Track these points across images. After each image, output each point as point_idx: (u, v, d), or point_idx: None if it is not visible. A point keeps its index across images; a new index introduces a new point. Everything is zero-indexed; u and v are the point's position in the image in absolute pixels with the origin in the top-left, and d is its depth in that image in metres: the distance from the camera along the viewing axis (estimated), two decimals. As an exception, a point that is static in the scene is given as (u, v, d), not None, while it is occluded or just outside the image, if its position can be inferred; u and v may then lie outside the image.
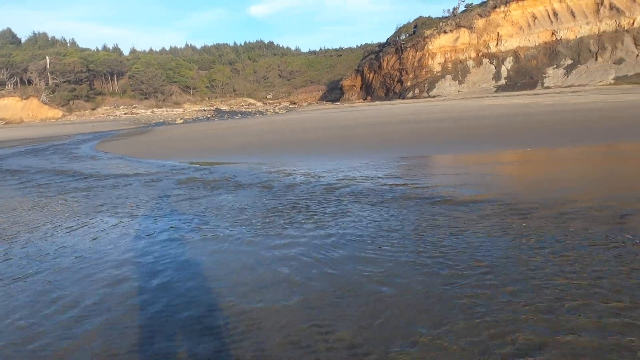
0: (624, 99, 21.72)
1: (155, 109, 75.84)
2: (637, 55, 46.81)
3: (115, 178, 8.84)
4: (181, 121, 44.59)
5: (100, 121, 54.18)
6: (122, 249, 4.50)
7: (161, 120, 48.17)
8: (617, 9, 49.44)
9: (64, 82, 77.54)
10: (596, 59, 49.13)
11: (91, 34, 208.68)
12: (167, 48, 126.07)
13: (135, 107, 77.45)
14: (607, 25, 49.74)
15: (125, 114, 70.69)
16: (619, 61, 47.34)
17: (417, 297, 2.97)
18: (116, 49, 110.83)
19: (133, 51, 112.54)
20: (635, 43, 47.63)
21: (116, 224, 5.47)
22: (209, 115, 54.06)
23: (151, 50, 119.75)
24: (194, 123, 36.73)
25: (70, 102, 75.19)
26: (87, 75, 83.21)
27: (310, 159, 9.95)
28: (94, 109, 75.59)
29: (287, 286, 3.28)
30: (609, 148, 9.29)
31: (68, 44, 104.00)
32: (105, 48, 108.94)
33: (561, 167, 7.49)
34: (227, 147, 14.18)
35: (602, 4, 50.77)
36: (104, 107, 77.77)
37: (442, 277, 3.22)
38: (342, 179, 7.01)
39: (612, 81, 45.52)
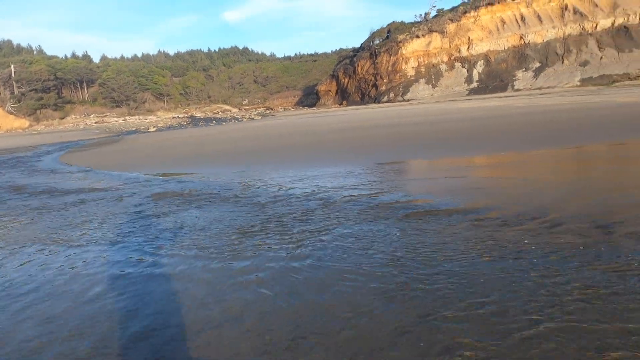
0: (591, 100, 22.33)
1: (127, 117, 74.00)
2: (601, 57, 48.53)
3: (74, 194, 8.28)
4: (154, 129, 43.54)
5: (70, 130, 52.40)
6: (35, 293, 3.68)
7: (134, 129, 46.93)
8: (581, 14, 51.24)
9: (31, 90, 74.82)
10: (563, 62, 50.71)
11: (59, 42, 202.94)
12: (139, 55, 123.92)
13: (106, 116, 75.41)
14: (572, 29, 51.48)
15: (96, 122, 68.67)
16: (584, 63, 48.97)
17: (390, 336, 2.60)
18: (86, 56, 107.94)
19: (104, 58, 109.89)
20: (599, 46, 49.40)
21: (47, 255, 4.70)
22: (183, 123, 53.07)
23: (122, 57, 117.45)
24: (167, 131, 35.92)
25: (38, 112, 72.62)
26: (55, 84, 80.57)
27: (285, 167, 9.67)
28: (62, 118, 73.20)
29: (244, 326, 2.88)
30: (580, 150, 9.37)
31: (35, 52, 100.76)
32: (74, 55, 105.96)
33: (539, 171, 7.44)
34: (200, 156, 13.76)
35: (566, 9, 52.55)
36: (73, 116, 75.42)
37: (421, 308, 2.92)
38: (317, 192, 6.61)
39: (578, 83, 47.02)
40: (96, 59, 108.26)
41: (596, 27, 50.03)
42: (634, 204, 4.82)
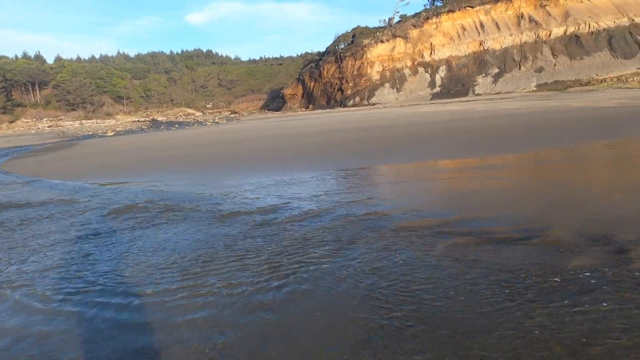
0: (546, 104, 23.13)
1: (84, 121, 70.62)
2: (555, 64, 50.81)
3: None
4: (112, 133, 41.62)
5: (20, 135, 49.29)
6: None
7: (90, 133, 44.69)
8: (536, 22, 53.54)
9: (-24, 92, 70.14)
10: (520, 68, 52.71)
11: (9, 42, 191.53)
12: (97, 56, 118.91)
13: (61, 119, 71.68)
14: (527, 36, 53.65)
15: (49, 126, 65.05)
16: (540, 70, 51.10)
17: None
18: (38, 57, 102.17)
19: (58, 59, 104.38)
20: (552, 53, 51.71)
21: None
22: (143, 127, 51.18)
23: (79, 58, 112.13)
24: (126, 135, 34.41)
25: (-16, 115, 68.10)
26: (4, 85, 75.86)
27: (250, 175, 9.19)
28: (12, 122, 68.93)
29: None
30: (538, 155, 9.46)
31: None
32: (25, 56, 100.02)
33: (508, 177, 7.35)
34: (158, 162, 13.03)
35: (522, 17, 54.77)
36: (24, 120, 71.21)
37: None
38: (282, 205, 6.05)
39: (535, 88, 48.97)
40: (50, 59, 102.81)
41: (550, 35, 52.37)
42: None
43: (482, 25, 56.13)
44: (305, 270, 3.68)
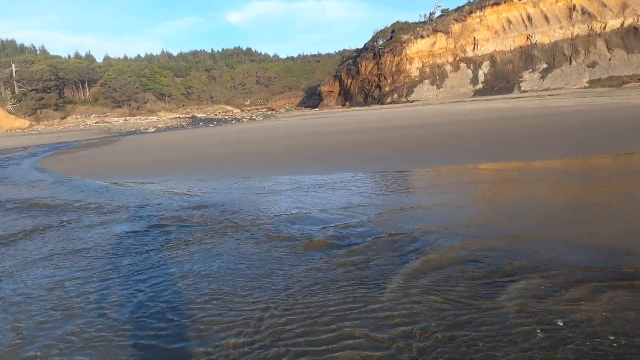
0: (605, 102, 21.34)
1: (128, 118, 73.37)
2: (610, 58, 47.41)
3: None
4: (153, 129, 42.80)
5: (69, 131, 51.72)
6: None
7: (133, 129, 46.20)
8: (589, 14, 50.14)
9: (32, 90, 74.25)
10: (570, 63, 49.61)
11: (63, 43, 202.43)
12: (143, 55, 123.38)
13: (107, 116, 74.78)
14: (579, 29, 50.36)
15: (96, 123, 68.04)
16: (592, 64, 47.87)
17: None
18: (88, 56, 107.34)
19: (106, 58, 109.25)
20: (607, 47, 48.27)
21: None
22: (183, 123, 52.34)
23: (125, 57, 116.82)
24: (167, 132, 35.14)
25: (38, 112, 72.01)
26: (57, 84, 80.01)
27: (278, 178, 8.78)
28: (63, 118, 72.59)
29: None
30: (613, 161, 8.45)
31: (38, 52, 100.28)
32: (77, 55, 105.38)
33: (582, 191, 6.46)
34: (190, 160, 12.91)
35: (574, 9, 51.46)
36: (74, 116, 74.82)
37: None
38: (306, 215, 5.57)
39: (587, 84, 45.95)
40: (99, 59, 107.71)
41: (605, 27, 48.90)
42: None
43: (529, 18, 53.23)
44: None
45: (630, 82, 42.79)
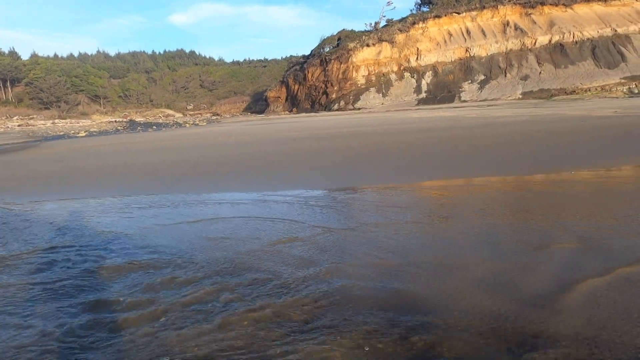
0: (541, 112, 22.34)
1: (57, 121, 67.61)
2: (540, 72, 50.79)
3: None
4: (85, 134, 39.34)
5: (-15, 134, 46.42)
6: None
7: (62, 133, 42.24)
8: (521, 30, 53.54)
9: (-59, 88, 66.49)
10: (505, 75, 52.54)
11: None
12: (76, 54, 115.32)
13: (32, 118, 68.59)
14: (513, 44, 53.59)
15: (19, 125, 61.87)
16: (525, 77, 51.01)
17: None
18: (12, 53, 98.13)
19: (34, 56, 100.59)
20: (538, 61, 51.72)
21: None
22: (119, 128, 48.91)
23: (56, 55, 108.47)
24: (99, 136, 32.33)
25: (-51, 112, 64.53)
26: (-27, 82, 72.43)
27: (216, 194, 7.77)
28: (-21, 120, 65.48)
29: None
30: (588, 174, 8.32)
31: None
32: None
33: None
34: (120, 171, 11.46)
35: (508, 25, 54.76)
36: (-8, 118, 67.80)
37: None
38: (253, 251, 4.86)
39: (520, 96, 48.81)
40: (25, 56, 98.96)
41: (535, 43, 52.42)
42: None
43: (468, 32, 55.88)
44: None
45: (559, 95, 46.04)
